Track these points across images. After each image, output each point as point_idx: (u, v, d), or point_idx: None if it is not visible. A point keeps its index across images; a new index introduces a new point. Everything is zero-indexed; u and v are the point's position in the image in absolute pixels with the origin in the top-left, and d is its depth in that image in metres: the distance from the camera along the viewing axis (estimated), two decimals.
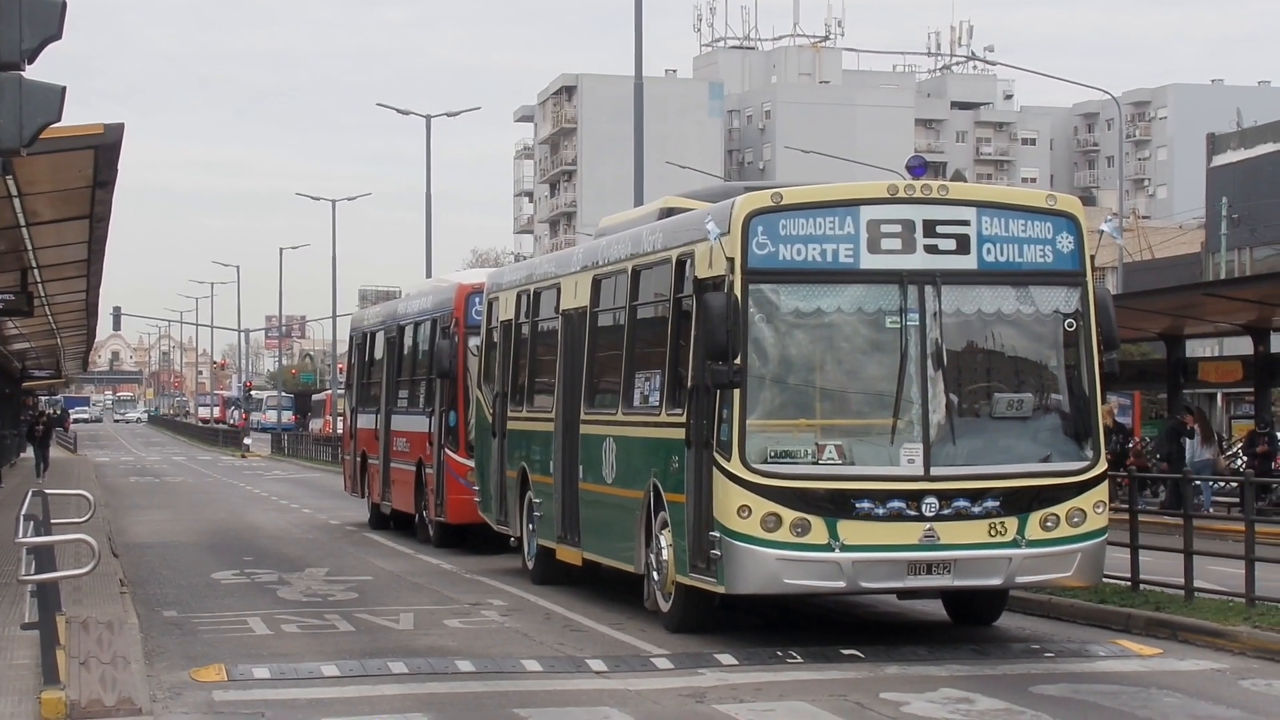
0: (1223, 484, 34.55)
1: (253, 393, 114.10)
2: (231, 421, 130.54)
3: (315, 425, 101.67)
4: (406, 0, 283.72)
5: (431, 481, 28.33)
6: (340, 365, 76.52)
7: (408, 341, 30.95)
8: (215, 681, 14.90)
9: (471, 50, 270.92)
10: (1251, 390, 38.56)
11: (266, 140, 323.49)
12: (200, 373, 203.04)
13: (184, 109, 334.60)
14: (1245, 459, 34.93)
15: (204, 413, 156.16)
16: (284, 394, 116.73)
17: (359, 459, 34.30)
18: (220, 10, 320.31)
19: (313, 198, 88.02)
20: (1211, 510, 32.72)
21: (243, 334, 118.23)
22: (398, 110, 65.15)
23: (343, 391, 51.30)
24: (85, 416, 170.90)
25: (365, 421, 33.91)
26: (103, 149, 20.01)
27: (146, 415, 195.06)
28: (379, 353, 33.32)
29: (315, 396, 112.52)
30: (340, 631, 18.08)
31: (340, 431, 78.85)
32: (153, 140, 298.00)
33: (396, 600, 20.89)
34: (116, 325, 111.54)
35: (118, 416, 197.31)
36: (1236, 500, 33.58)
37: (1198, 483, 30.95)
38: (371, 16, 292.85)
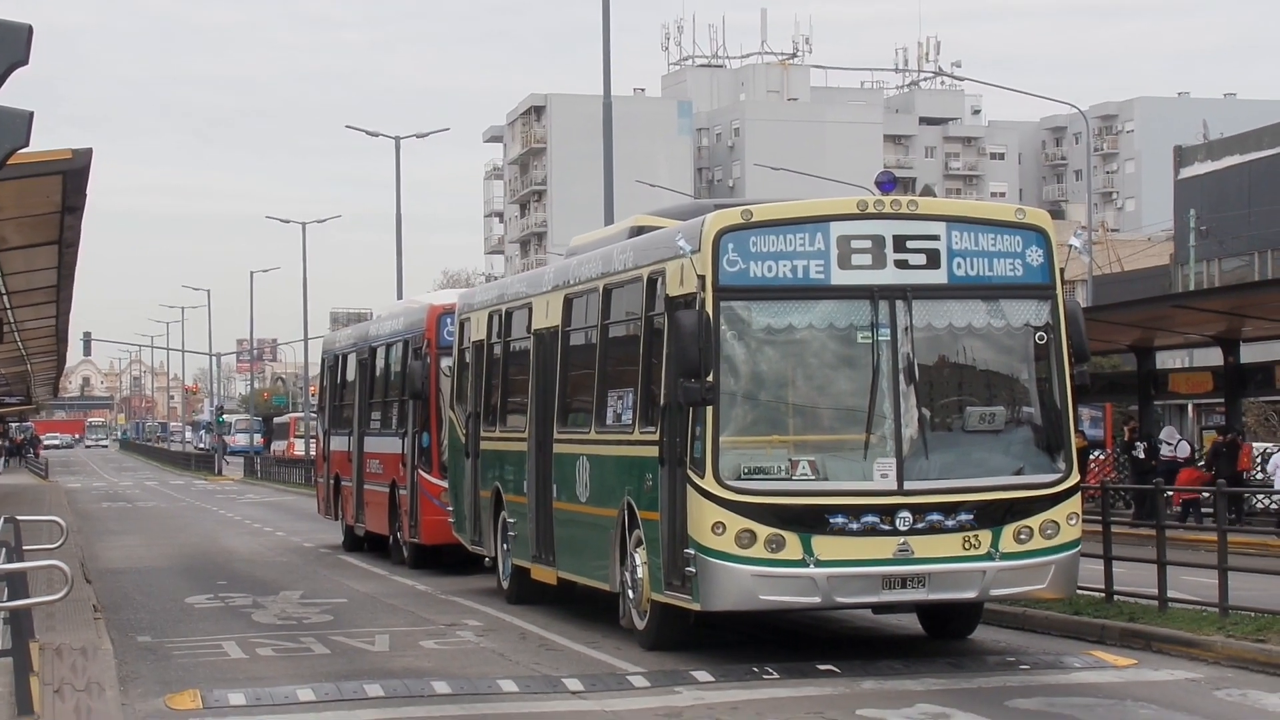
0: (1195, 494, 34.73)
1: (224, 417, 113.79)
2: (200, 446, 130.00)
3: (279, 447, 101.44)
4: (366, 24, 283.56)
5: (405, 503, 28.28)
6: (312, 388, 76.39)
7: (380, 363, 30.90)
8: (190, 708, 14.83)
9: (435, 73, 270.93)
10: (1222, 401, 38.73)
11: (232, 164, 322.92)
12: (172, 397, 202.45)
13: (147, 134, 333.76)
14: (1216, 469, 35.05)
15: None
16: (255, 417, 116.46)
17: (332, 481, 34.23)
18: (178, 35, 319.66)
19: (282, 220, 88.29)
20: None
21: (214, 358, 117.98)
22: (367, 132, 65.13)
23: (313, 414, 51.25)
24: (56, 443, 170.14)
25: (338, 444, 33.83)
26: (71, 174, 19.96)
27: (112, 440, 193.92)
28: (351, 375, 33.26)
29: (278, 419, 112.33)
30: (315, 654, 18.02)
31: (303, 453, 78.86)
32: (117, 165, 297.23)
33: (372, 622, 20.84)
34: (87, 351, 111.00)
35: (89, 442, 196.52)
36: (1209, 510, 33.76)
37: None
38: (332, 40, 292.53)
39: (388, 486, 29.39)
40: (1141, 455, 36.03)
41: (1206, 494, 33.71)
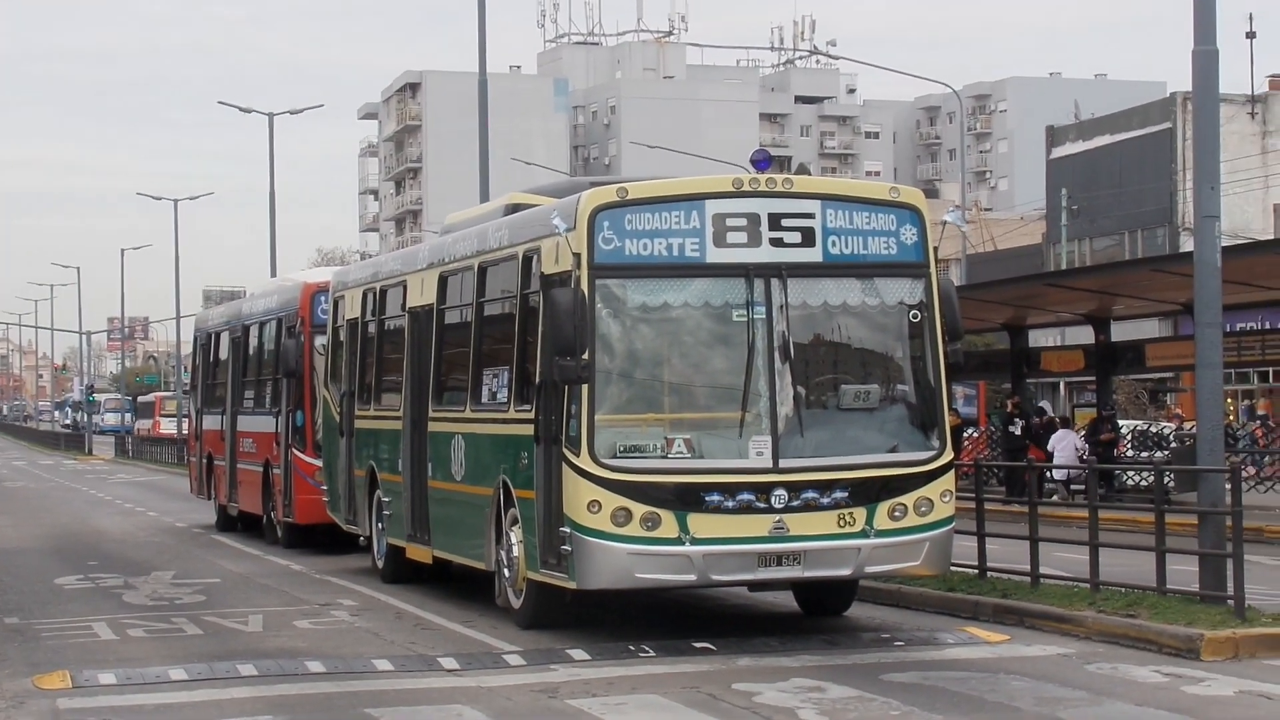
0: (1069, 471, 35.19)
1: (94, 395, 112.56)
2: (66, 425, 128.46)
3: (143, 425, 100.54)
4: None
5: (279, 482, 28.08)
6: (186, 366, 75.60)
7: (253, 341, 30.64)
8: (60, 689, 14.63)
9: (308, 48, 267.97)
10: (1093, 379, 39.24)
11: (100, 140, 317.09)
12: (41, 376, 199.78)
13: (10, 108, 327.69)
14: (1088, 446, 35.53)
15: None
16: (126, 396, 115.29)
17: (205, 460, 33.93)
18: (43, 8, 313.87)
19: (154, 197, 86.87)
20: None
21: (84, 336, 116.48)
22: (239, 108, 64.64)
23: (185, 393, 50.73)
24: None
25: (211, 423, 33.53)
26: None
27: None
28: (224, 353, 32.97)
29: (142, 398, 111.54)
30: (188, 635, 17.85)
31: (172, 432, 78.08)
32: None
33: (245, 602, 20.67)
34: None
35: None
36: (1081, 488, 34.22)
37: None
38: (201, 14, 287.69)
39: (262, 466, 29.16)
40: (1018, 433, 36.43)
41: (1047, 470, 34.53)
